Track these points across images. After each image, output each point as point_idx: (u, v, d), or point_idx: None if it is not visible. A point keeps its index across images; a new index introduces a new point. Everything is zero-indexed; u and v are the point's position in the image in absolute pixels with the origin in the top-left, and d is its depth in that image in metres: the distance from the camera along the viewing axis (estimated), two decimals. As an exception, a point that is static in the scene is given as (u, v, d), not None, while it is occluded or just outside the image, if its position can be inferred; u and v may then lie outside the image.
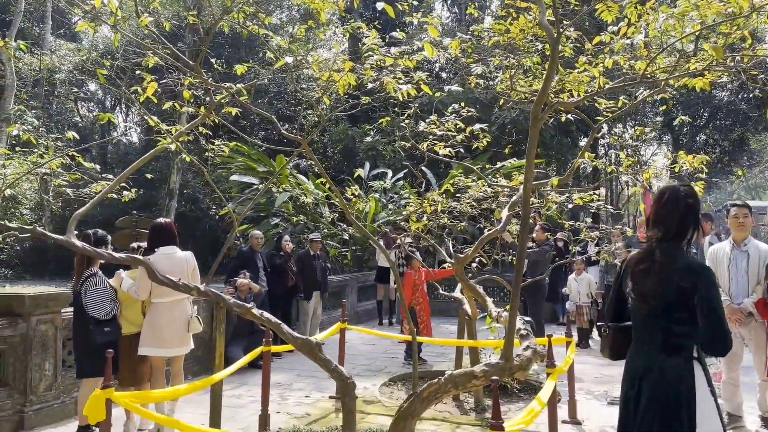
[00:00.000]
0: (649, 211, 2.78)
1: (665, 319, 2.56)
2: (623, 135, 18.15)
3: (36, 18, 24.53)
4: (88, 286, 5.01)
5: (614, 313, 2.87)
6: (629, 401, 2.65)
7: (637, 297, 2.64)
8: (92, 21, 3.94)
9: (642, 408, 2.57)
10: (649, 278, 2.59)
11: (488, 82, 5.31)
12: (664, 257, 2.59)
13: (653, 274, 2.58)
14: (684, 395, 2.49)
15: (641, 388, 2.60)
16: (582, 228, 6.70)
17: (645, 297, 2.60)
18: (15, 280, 19.94)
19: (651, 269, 2.60)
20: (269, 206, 13.71)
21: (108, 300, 5.04)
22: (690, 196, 2.69)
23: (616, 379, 7.16)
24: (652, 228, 2.73)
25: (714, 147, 21.90)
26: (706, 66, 3.98)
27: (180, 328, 5.16)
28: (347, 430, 3.92)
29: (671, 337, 2.56)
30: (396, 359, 8.42)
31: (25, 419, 5.27)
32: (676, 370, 2.54)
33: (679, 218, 2.64)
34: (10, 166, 7.56)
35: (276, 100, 21.39)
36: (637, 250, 2.80)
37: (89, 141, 20.96)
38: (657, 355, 2.58)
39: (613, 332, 2.84)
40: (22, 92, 19.96)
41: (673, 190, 2.72)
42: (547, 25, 3.30)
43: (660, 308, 2.57)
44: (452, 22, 25.12)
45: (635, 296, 2.65)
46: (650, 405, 2.54)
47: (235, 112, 4.75)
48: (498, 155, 12.79)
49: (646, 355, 2.63)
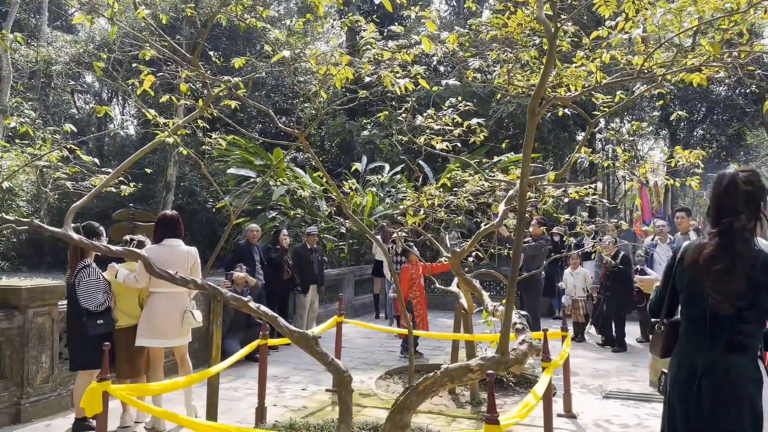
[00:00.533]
0: (646, 205, 2.72)
1: (735, 318, 2.39)
2: (620, 130, 18.16)
3: (32, 9, 24.39)
4: (81, 277, 5.04)
5: (668, 308, 2.70)
6: (687, 401, 2.48)
7: (719, 297, 2.40)
8: (89, 13, 3.92)
9: (706, 408, 2.41)
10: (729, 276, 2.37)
11: (486, 76, 5.31)
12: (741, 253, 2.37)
13: (737, 273, 2.36)
14: (752, 394, 2.37)
15: (701, 387, 2.43)
16: (578, 222, 6.72)
17: (727, 296, 2.38)
18: (11, 272, 19.91)
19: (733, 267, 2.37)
20: (266, 199, 13.70)
21: (100, 291, 5.06)
22: (750, 183, 2.45)
23: (611, 373, 7.22)
24: (712, 220, 2.50)
25: (711, 142, 21.93)
26: (704, 61, 3.99)
27: (178, 319, 5.20)
28: (343, 423, 3.94)
29: (737, 336, 2.40)
30: (392, 353, 8.44)
31: (21, 411, 5.27)
32: (742, 369, 2.39)
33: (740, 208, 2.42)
34: (7, 158, 7.54)
35: (273, 92, 21.34)
36: (697, 243, 2.54)
37: (86, 133, 20.91)
38: (721, 354, 2.42)
39: (668, 329, 2.67)
40: (19, 84, 19.87)
41: (733, 176, 2.47)
42: (544, 20, 3.30)
43: None
44: (450, 15, 25.07)
45: (716, 296, 2.41)
46: (715, 405, 2.40)
47: (234, 105, 4.75)
48: (495, 149, 12.80)
49: (707, 352, 2.45)
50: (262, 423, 5.03)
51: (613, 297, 8.62)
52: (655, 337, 2.73)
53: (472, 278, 5.99)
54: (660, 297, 2.74)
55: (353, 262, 13.71)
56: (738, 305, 2.37)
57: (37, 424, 5.25)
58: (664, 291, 2.71)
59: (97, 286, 5.06)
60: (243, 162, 14.83)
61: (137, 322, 5.17)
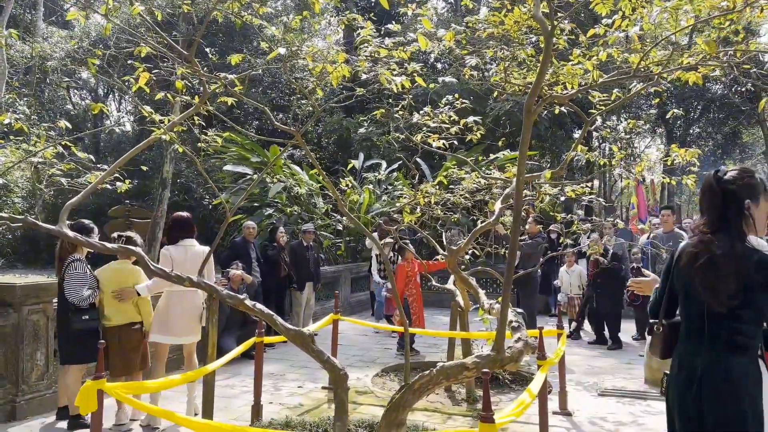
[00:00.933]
0: (642, 203, 2.71)
1: (731, 318, 2.37)
2: (617, 128, 18.21)
3: (28, 4, 24.28)
4: (68, 270, 5.09)
5: (667, 310, 2.66)
6: (686, 402, 2.46)
7: (709, 296, 2.39)
8: (83, 9, 3.90)
9: (706, 409, 2.39)
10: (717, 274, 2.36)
11: (483, 73, 5.31)
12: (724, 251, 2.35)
13: (723, 271, 2.34)
14: (753, 395, 2.34)
15: (701, 388, 2.40)
16: (574, 220, 6.73)
17: (716, 294, 2.36)
18: (7, 268, 19.86)
19: (717, 264, 2.36)
20: (263, 196, 13.68)
21: (86, 287, 5.09)
22: (732, 182, 2.44)
23: (606, 371, 7.24)
24: (700, 218, 2.54)
25: (707, 140, 22.01)
26: (700, 60, 3.99)
27: (189, 317, 5.33)
28: (339, 420, 3.94)
29: (737, 336, 2.37)
30: (388, 350, 8.45)
31: (17, 409, 5.27)
32: (743, 370, 2.36)
33: (720, 207, 2.43)
34: (2, 155, 7.50)
35: (270, 89, 21.29)
36: (687, 242, 2.56)
37: (82, 129, 20.83)
38: (721, 354, 2.39)
39: (667, 330, 2.64)
40: (14, 80, 19.76)
41: (709, 177, 2.48)
42: (541, 18, 3.29)
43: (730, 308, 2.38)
44: (447, 12, 25.05)
45: (706, 295, 2.40)
46: (715, 406, 2.37)
47: (231, 102, 4.73)
48: (492, 147, 12.80)
49: (706, 353, 2.42)
50: (258, 421, 5.02)
51: (604, 294, 8.63)
52: (654, 338, 2.71)
53: (469, 276, 6.00)
54: (659, 298, 2.72)
55: (350, 259, 13.71)
56: (730, 304, 2.35)
57: (32, 422, 5.25)
58: (663, 292, 2.69)
59: (83, 281, 5.09)
60: (239, 159, 14.80)
61: (131, 320, 5.21)
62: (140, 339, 5.27)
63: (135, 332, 5.23)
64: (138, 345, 5.22)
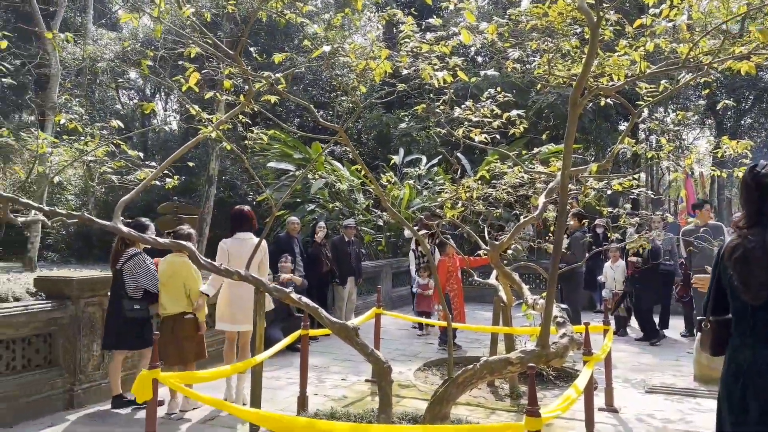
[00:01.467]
0: (692, 197, 2.67)
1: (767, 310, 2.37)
2: (664, 119, 17.72)
3: (78, 8, 25.09)
4: (131, 264, 5.51)
5: (715, 306, 2.65)
6: (732, 397, 2.46)
7: (742, 289, 2.41)
8: (134, 12, 4.04)
9: (748, 405, 2.38)
10: (749, 267, 2.38)
11: (525, 66, 5.25)
12: (756, 244, 2.37)
13: (754, 264, 2.36)
14: None
15: (746, 383, 2.40)
16: (621, 215, 6.59)
17: (748, 287, 2.38)
18: (61, 263, 20.63)
19: (748, 257, 2.38)
20: (305, 193, 13.85)
21: (149, 278, 5.53)
22: None
23: (653, 368, 7.09)
24: (740, 213, 2.57)
25: (759, 131, 21.22)
26: (753, 49, 3.87)
27: (247, 305, 5.52)
28: (383, 412, 3.99)
29: None
30: (430, 345, 8.47)
31: (74, 397, 5.50)
32: None
33: (757, 202, 2.45)
34: (56, 154, 7.80)
35: (311, 86, 21.48)
36: (731, 237, 2.57)
37: (130, 128, 21.42)
38: (762, 349, 2.39)
39: (714, 326, 2.61)
40: (66, 81, 20.49)
41: (747, 171, 2.52)
42: (586, 9, 3.25)
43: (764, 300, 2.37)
44: (489, 5, 24.77)
45: (740, 288, 2.42)
46: (755, 401, 2.36)
47: (274, 100, 4.82)
48: (535, 140, 12.63)
49: (750, 349, 2.42)
50: (304, 411, 5.12)
51: (643, 290, 8.45)
52: (702, 335, 2.68)
53: (512, 271, 5.96)
54: (708, 294, 2.69)
55: (390, 254, 13.76)
56: (763, 297, 2.35)
57: (89, 410, 5.47)
58: (713, 287, 2.66)
59: (147, 274, 5.55)
60: (282, 156, 15.00)
61: (184, 309, 5.42)
62: (193, 328, 5.43)
63: (188, 321, 5.40)
64: (191, 334, 5.39)
